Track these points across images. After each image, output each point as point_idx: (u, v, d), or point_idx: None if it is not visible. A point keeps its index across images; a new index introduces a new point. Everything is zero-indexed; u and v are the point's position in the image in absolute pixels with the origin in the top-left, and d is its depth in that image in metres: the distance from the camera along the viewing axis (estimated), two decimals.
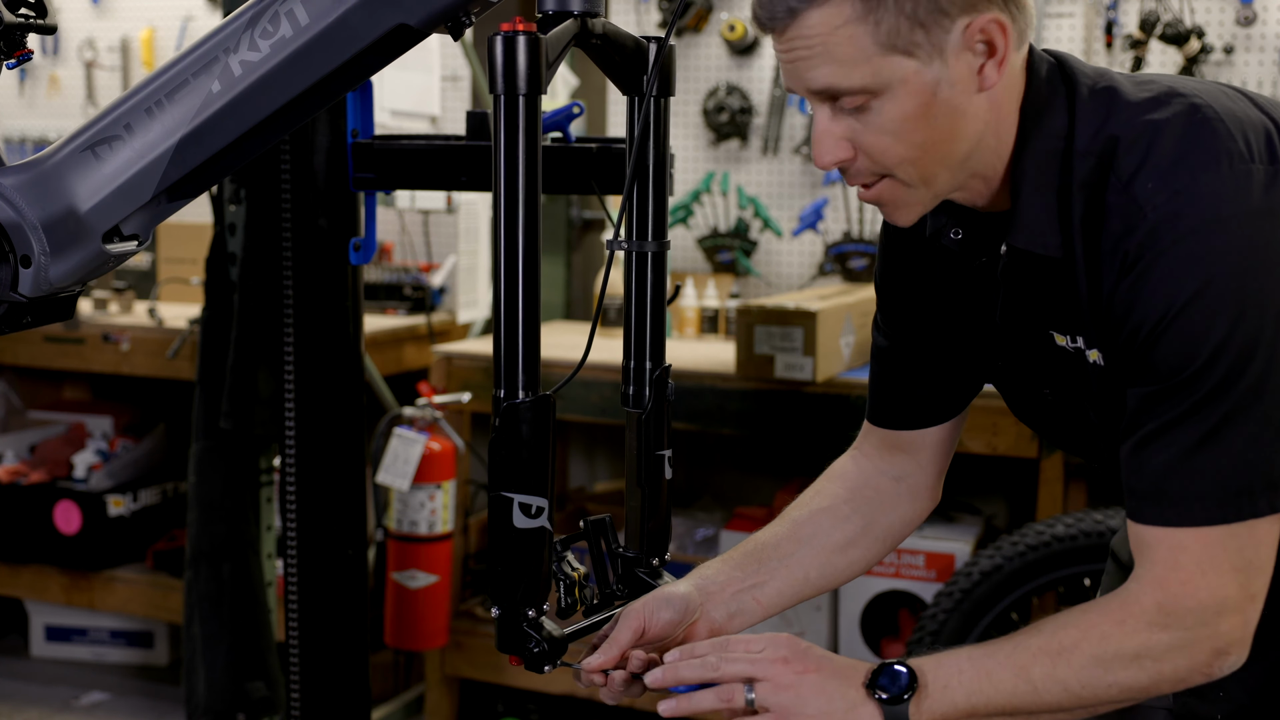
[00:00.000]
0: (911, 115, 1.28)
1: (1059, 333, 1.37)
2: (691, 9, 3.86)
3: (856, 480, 1.64)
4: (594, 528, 1.48)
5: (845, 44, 1.25)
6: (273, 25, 1.25)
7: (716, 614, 1.51)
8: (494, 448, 1.27)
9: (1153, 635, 1.26)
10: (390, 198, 3.04)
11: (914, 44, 1.25)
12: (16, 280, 1.28)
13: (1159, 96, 1.31)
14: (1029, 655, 1.29)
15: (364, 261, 2.47)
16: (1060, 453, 3.00)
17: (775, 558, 1.58)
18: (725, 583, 1.53)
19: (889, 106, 1.28)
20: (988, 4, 1.27)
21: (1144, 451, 1.27)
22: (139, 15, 4.56)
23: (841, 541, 1.61)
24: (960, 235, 1.44)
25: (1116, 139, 1.29)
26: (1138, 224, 1.25)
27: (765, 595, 1.55)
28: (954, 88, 1.28)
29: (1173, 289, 1.23)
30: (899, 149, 1.30)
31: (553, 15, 1.31)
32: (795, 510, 1.64)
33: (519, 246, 1.25)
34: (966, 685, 1.29)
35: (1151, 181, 1.25)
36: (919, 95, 1.27)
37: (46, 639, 4.28)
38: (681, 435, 3.72)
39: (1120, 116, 1.30)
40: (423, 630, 3.22)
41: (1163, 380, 1.25)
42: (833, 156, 1.31)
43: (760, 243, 3.92)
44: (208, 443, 2.92)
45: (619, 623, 1.42)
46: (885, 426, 1.63)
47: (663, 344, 1.48)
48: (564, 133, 2.24)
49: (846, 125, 1.30)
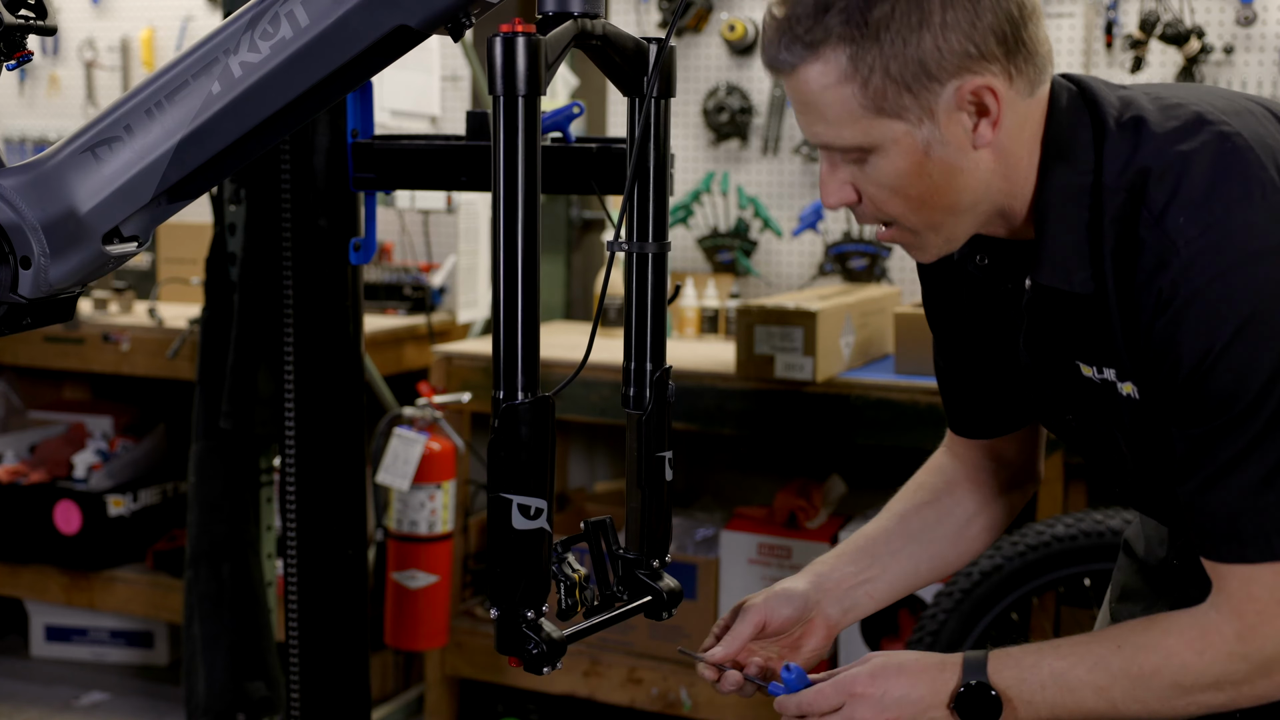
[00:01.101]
0: (905, 172, 1.29)
1: (1085, 364, 1.37)
2: (691, 9, 3.86)
3: (955, 476, 1.65)
4: (594, 529, 1.48)
5: (836, 104, 1.27)
6: (273, 26, 1.25)
7: (832, 610, 1.55)
8: (493, 449, 1.27)
9: (1232, 664, 1.29)
10: (390, 198, 3.04)
11: (902, 107, 1.26)
12: (16, 281, 1.28)
13: (1187, 125, 1.29)
14: (1110, 677, 1.32)
15: (364, 261, 2.47)
16: (1060, 452, 3.00)
17: (886, 553, 1.61)
18: (840, 579, 1.57)
19: (883, 163, 1.29)
20: (983, 64, 1.26)
21: (1207, 495, 1.28)
22: (139, 15, 4.56)
23: (950, 533, 1.64)
24: (986, 262, 1.44)
25: (1147, 171, 1.27)
26: (1171, 260, 1.24)
27: (877, 590, 1.59)
28: (947, 147, 1.28)
29: (1213, 327, 1.23)
30: (896, 202, 1.31)
31: (552, 16, 1.31)
32: (900, 504, 1.66)
33: (518, 247, 1.24)
34: (1050, 700, 1.34)
35: (1183, 216, 1.24)
36: (911, 155, 1.28)
37: (46, 639, 4.28)
38: (681, 435, 3.72)
39: (1149, 148, 1.28)
40: (423, 630, 3.22)
41: (1213, 419, 1.25)
42: (837, 199, 1.33)
43: (760, 243, 3.92)
44: (208, 443, 2.92)
45: (741, 617, 1.49)
46: (965, 436, 1.65)
47: (663, 345, 1.48)
48: (564, 133, 2.24)
49: (848, 172, 1.32)
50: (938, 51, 1.24)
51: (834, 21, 1.24)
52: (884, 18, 1.23)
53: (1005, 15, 1.25)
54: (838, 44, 1.24)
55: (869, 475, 3.68)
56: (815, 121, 1.29)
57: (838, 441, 3.44)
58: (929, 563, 1.63)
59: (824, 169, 1.33)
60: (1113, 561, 2.74)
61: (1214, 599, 1.31)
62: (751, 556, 3.38)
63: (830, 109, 1.27)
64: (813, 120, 1.30)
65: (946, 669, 1.37)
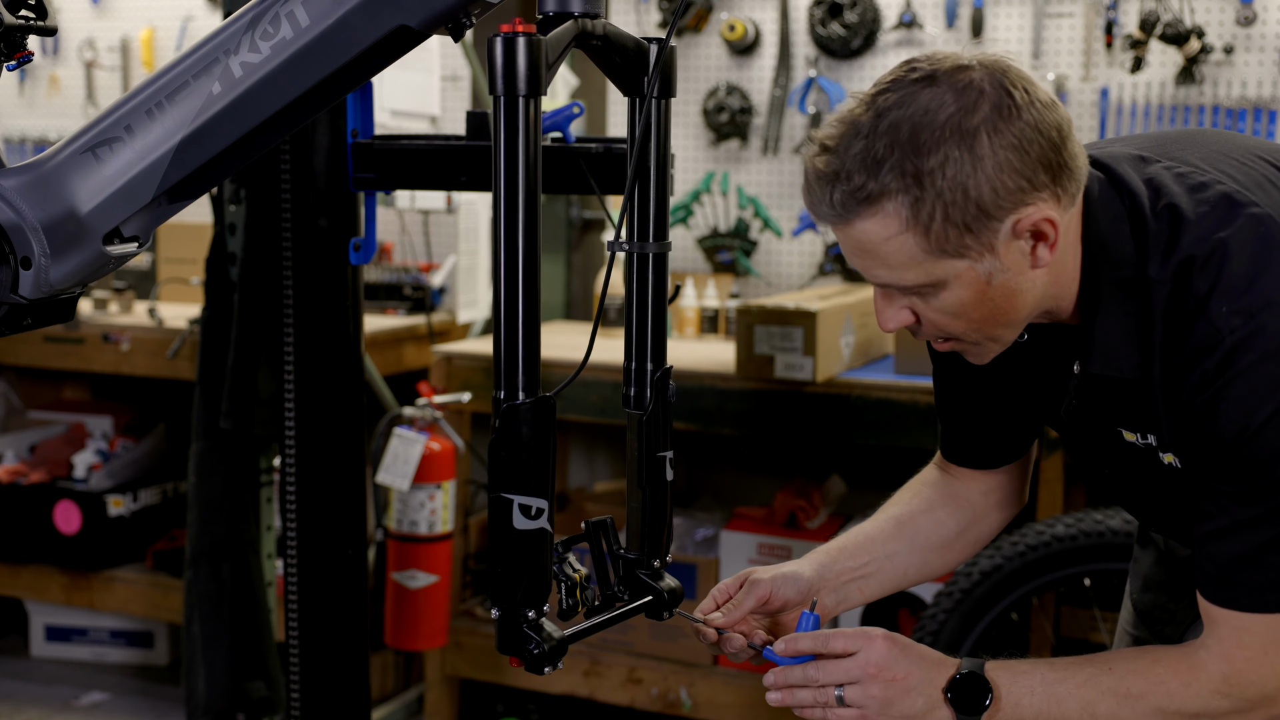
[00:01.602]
0: (969, 301, 1.34)
1: (1129, 430, 1.44)
2: (691, 9, 3.86)
3: (947, 490, 1.72)
4: (595, 529, 1.48)
5: (898, 252, 1.30)
6: (273, 27, 1.25)
7: (827, 600, 1.62)
8: (494, 449, 1.27)
9: (1215, 700, 1.36)
10: (390, 198, 3.04)
11: (964, 246, 1.29)
12: (17, 282, 1.28)
13: (1218, 209, 1.34)
14: (1097, 692, 1.38)
15: (364, 261, 2.47)
16: (1060, 453, 2.99)
17: (882, 554, 1.68)
18: (840, 572, 1.64)
19: (945, 296, 1.34)
20: (1035, 194, 1.29)
21: (1218, 542, 1.35)
22: (139, 15, 4.56)
23: (938, 543, 1.70)
24: (1026, 339, 1.50)
25: (1191, 261, 1.32)
26: (1216, 346, 1.30)
27: (869, 586, 1.66)
28: (1007, 273, 1.32)
29: (1251, 408, 1.29)
30: (959, 324, 1.37)
31: (553, 16, 1.31)
32: (896, 509, 1.72)
33: (519, 248, 1.24)
34: (1036, 705, 1.40)
35: (1226, 305, 1.30)
36: (974, 286, 1.32)
37: (46, 639, 4.28)
38: (681, 435, 3.72)
39: (1188, 237, 1.33)
40: (423, 630, 3.22)
41: (1239, 485, 1.32)
42: (895, 324, 1.38)
43: (760, 243, 3.92)
44: (208, 443, 2.92)
45: (747, 590, 1.55)
46: (959, 465, 1.71)
47: (664, 345, 1.48)
48: (564, 133, 2.24)
49: (906, 301, 1.37)
50: (994, 192, 1.27)
51: (889, 177, 1.27)
52: (938, 166, 1.26)
53: (1049, 144, 1.29)
54: (895, 196, 1.28)
55: (869, 475, 3.68)
56: (876, 267, 1.33)
57: (838, 441, 3.44)
58: (918, 568, 1.70)
59: (879, 301, 1.38)
60: (1113, 562, 2.77)
61: (1206, 640, 1.38)
62: (751, 556, 3.38)
63: (892, 256, 1.31)
64: (872, 265, 1.34)
65: (947, 662, 1.44)
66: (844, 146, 1.29)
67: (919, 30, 3.71)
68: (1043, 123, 1.28)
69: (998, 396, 1.61)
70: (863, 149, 1.28)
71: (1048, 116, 1.29)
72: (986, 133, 1.26)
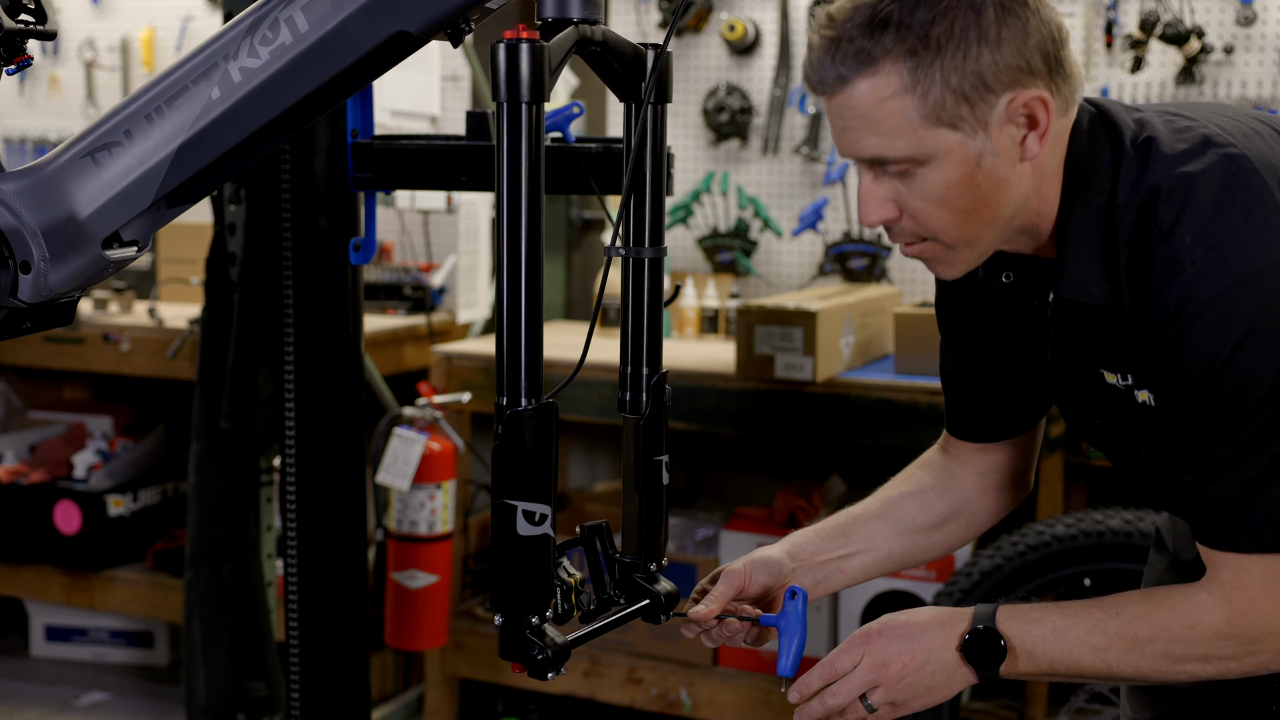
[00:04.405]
0: (955, 184, 1.33)
1: (1109, 371, 1.43)
2: (691, 9, 3.86)
3: (944, 472, 1.71)
4: (591, 533, 1.48)
5: (892, 115, 1.31)
6: (272, 32, 1.25)
7: (804, 580, 1.62)
8: (497, 455, 1.27)
9: (1219, 643, 1.37)
10: (390, 198, 3.04)
11: (959, 118, 1.30)
12: (16, 286, 1.27)
13: (1195, 147, 1.35)
14: (1107, 639, 1.40)
15: (364, 261, 2.47)
16: (1060, 452, 3.00)
17: (863, 533, 1.67)
18: (815, 552, 1.64)
19: (933, 175, 1.33)
20: (1032, 79, 1.31)
21: (1205, 487, 1.35)
22: (139, 15, 4.56)
23: (926, 525, 1.69)
24: (1011, 279, 1.50)
25: (1156, 191, 1.33)
26: (1176, 277, 1.30)
27: (850, 567, 1.66)
28: (997, 158, 1.33)
29: (1215, 342, 1.29)
30: (942, 215, 1.35)
31: (553, 22, 1.31)
32: (886, 490, 1.73)
33: (521, 253, 1.24)
34: (1050, 654, 1.42)
35: (1189, 235, 1.30)
36: (962, 165, 1.32)
37: (46, 639, 4.28)
38: (681, 435, 3.72)
39: (1157, 168, 1.34)
40: (423, 630, 3.22)
41: (1214, 420, 1.32)
42: (878, 216, 1.37)
43: (760, 243, 3.92)
44: (208, 443, 2.92)
45: (723, 579, 1.56)
46: (963, 439, 1.70)
47: (660, 349, 1.48)
48: (564, 133, 2.24)
49: (891, 188, 1.36)
50: (995, 65, 1.29)
51: (890, 38, 1.29)
52: (944, 33, 1.28)
53: (1049, 35, 1.32)
54: (897, 58, 1.29)
55: (869, 475, 3.67)
56: (867, 135, 1.33)
57: (838, 441, 3.44)
58: (903, 550, 1.69)
59: (865, 185, 1.37)
60: (1113, 561, 2.77)
61: (1207, 583, 1.39)
62: None
63: (886, 121, 1.31)
64: (863, 134, 1.33)
65: (956, 618, 1.45)
66: (850, 15, 1.31)
67: None
68: (1047, 18, 1.32)
69: (1001, 356, 1.60)
70: (869, 14, 1.30)
71: (1052, 16, 1.33)
72: (994, 9, 1.29)
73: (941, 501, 1.70)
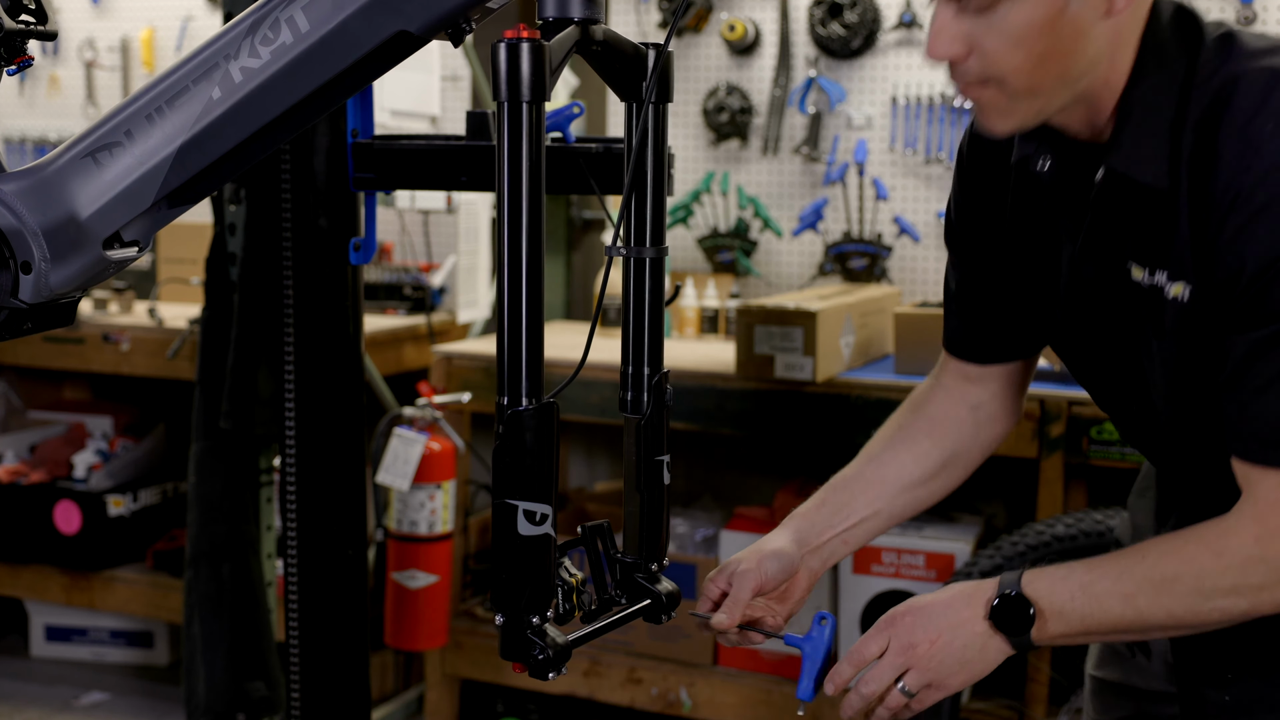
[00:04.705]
0: (1037, 24, 1.30)
1: (1139, 265, 1.40)
2: (691, 9, 3.86)
3: (935, 412, 1.70)
4: (592, 533, 1.48)
5: None
6: (273, 32, 1.25)
7: (814, 562, 1.63)
8: (498, 455, 1.27)
9: (1250, 569, 1.32)
10: (390, 198, 3.04)
11: None
12: (17, 287, 1.27)
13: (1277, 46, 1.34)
14: (1134, 584, 1.36)
15: (364, 261, 2.47)
16: (1060, 452, 2.99)
17: (863, 500, 1.67)
18: (820, 532, 1.65)
19: (1017, 11, 1.30)
20: None
21: (1259, 398, 1.31)
22: (139, 15, 4.56)
23: (924, 477, 1.69)
24: (1048, 164, 1.46)
25: (1236, 79, 1.31)
26: (1252, 165, 1.27)
27: (853, 537, 1.67)
28: (1084, 6, 1.31)
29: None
30: (1016, 56, 1.32)
31: (553, 22, 1.31)
32: (878, 446, 1.72)
33: (522, 254, 1.24)
34: (1079, 611, 1.38)
35: (1270, 124, 1.28)
36: (1049, 6, 1.30)
37: (46, 639, 4.28)
38: (681, 435, 3.72)
39: (1239, 59, 1.33)
40: (423, 630, 3.22)
41: (1265, 325, 1.28)
42: (947, 51, 1.34)
43: (760, 243, 3.92)
44: (208, 443, 2.92)
45: (738, 583, 1.56)
46: (959, 357, 1.69)
47: (661, 349, 1.48)
48: (564, 133, 2.24)
49: (968, 24, 1.33)
50: None
51: None
52: None
53: None
54: None
55: None
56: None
57: (838, 441, 3.44)
58: (903, 507, 1.69)
59: (940, 19, 1.34)
60: None
61: (1240, 505, 1.35)
62: None
63: None
64: None
65: (981, 589, 1.43)
66: None
67: (919, 30, 3.71)
68: None
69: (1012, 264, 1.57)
70: None
71: None
72: None
73: (936, 450, 1.69)
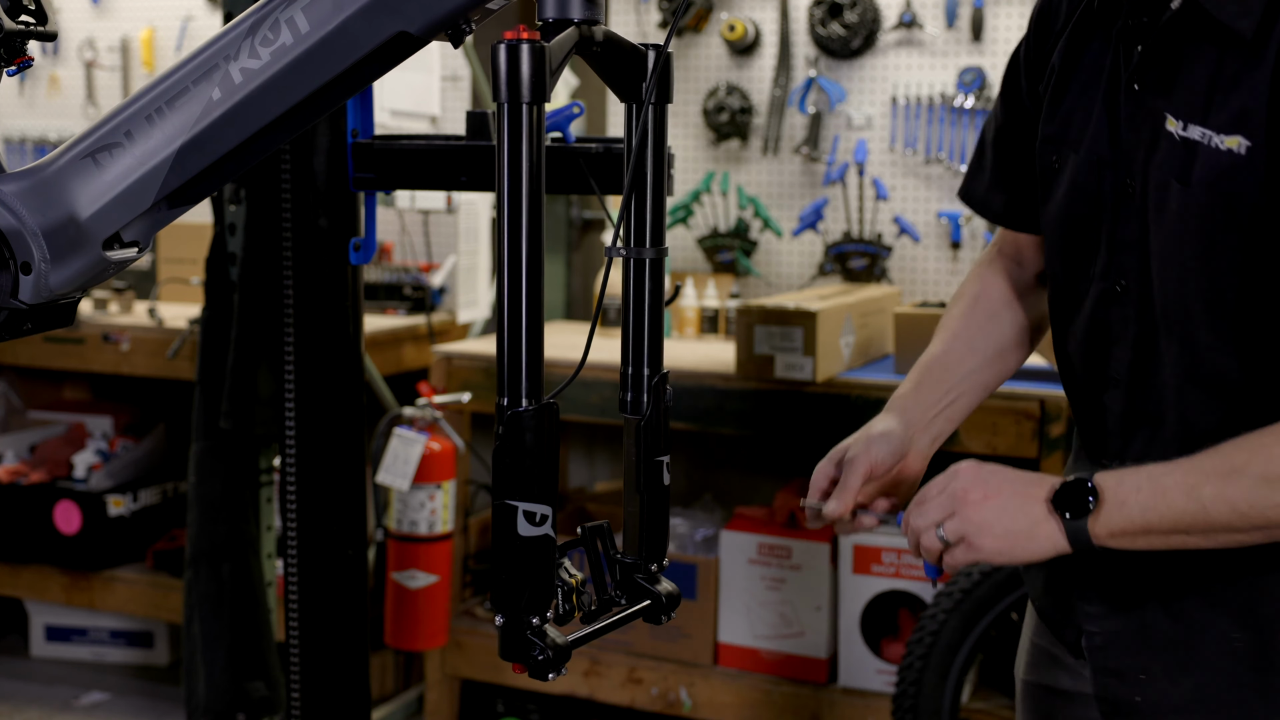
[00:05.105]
0: None
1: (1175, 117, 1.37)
2: (691, 9, 3.86)
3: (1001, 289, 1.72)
4: (591, 533, 1.48)
5: None
6: (273, 33, 1.25)
7: (922, 443, 1.63)
8: (498, 456, 1.27)
9: None
10: (390, 198, 3.04)
11: None
12: (17, 287, 1.27)
13: None
14: (1200, 475, 1.30)
15: (364, 261, 2.47)
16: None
17: (959, 373, 1.67)
18: (925, 411, 1.64)
19: None
20: None
21: None
22: (139, 15, 4.56)
23: (1008, 345, 1.71)
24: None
25: None
26: None
27: (955, 411, 1.66)
28: None
29: None
30: None
31: (553, 23, 1.31)
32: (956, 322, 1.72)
33: (522, 255, 1.24)
34: (1142, 502, 1.33)
35: None
36: None
37: (46, 639, 4.29)
38: (681, 435, 3.72)
39: None
40: (423, 630, 3.22)
41: None
42: None
43: (760, 243, 3.92)
44: (208, 443, 2.92)
45: (849, 469, 1.58)
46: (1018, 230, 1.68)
47: (661, 350, 1.48)
48: (564, 133, 2.24)
49: None
50: None
51: None
52: None
53: None
54: None
55: None
56: None
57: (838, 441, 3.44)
58: (994, 377, 1.70)
59: None
60: None
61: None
62: (751, 556, 3.38)
63: None
64: None
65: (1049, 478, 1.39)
66: None
67: (919, 30, 3.71)
68: None
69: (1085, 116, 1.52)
70: None
71: None
72: None
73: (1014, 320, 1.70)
